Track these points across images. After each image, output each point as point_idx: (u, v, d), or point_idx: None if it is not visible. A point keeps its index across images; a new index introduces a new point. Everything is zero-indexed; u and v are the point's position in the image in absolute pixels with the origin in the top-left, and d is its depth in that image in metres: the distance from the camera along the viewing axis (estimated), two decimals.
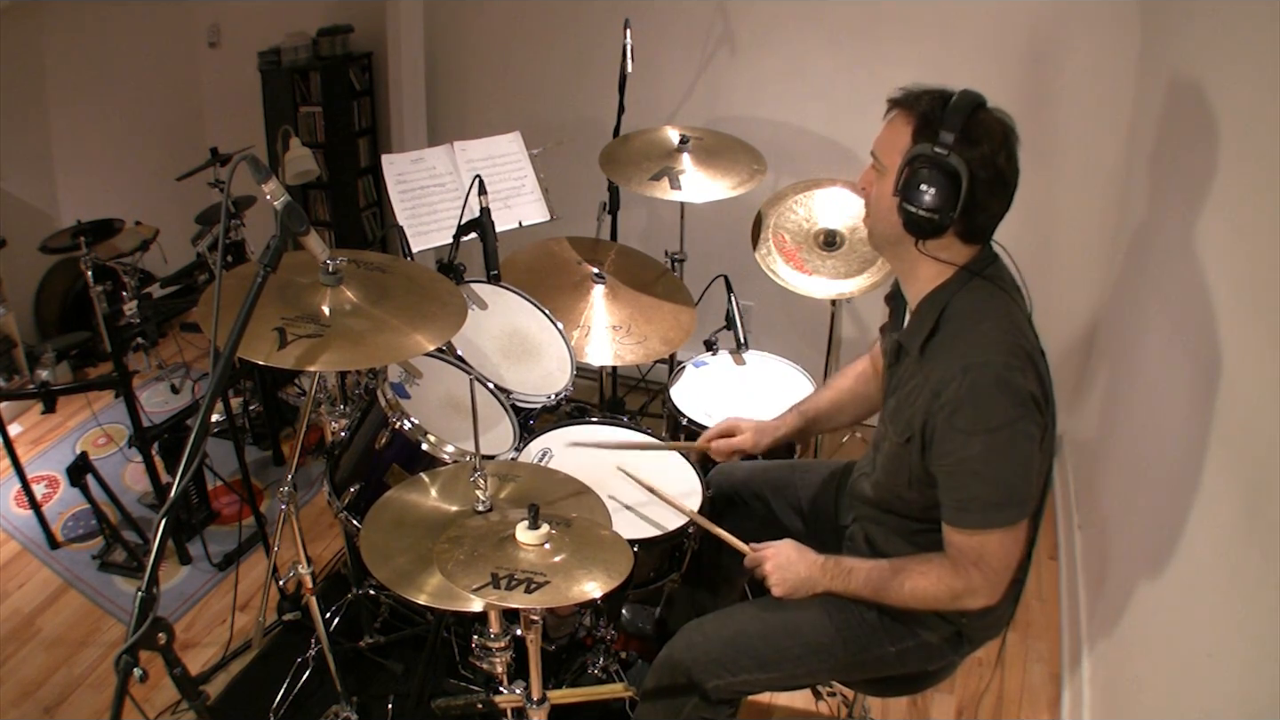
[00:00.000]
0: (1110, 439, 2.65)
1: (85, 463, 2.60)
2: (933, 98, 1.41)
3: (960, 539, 1.45)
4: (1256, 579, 1.40)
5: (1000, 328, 1.41)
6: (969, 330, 1.43)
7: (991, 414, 1.37)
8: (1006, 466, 1.39)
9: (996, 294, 1.45)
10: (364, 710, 2.22)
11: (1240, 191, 1.80)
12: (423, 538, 1.52)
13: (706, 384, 2.48)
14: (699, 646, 1.65)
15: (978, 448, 1.38)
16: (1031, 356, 1.41)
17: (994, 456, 1.38)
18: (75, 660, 2.44)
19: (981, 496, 1.41)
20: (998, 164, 1.38)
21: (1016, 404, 1.37)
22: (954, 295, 1.46)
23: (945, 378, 1.40)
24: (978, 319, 1.43)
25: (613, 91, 2.96)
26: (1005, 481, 1.39)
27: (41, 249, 2.75)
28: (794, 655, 1.62)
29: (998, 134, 1.39)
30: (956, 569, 1.46)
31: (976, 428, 1.37)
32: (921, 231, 1.42)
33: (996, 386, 1.36)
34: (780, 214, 2.66)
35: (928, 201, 1.38)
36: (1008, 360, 1.38)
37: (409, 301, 1.67)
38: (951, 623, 1.59)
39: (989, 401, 1.37)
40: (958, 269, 1.46)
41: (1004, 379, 1.36)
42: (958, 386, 1.38)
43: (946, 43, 2.95)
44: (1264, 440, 1.46)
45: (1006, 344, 1.39)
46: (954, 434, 1.39)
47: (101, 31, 3.79)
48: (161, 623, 1.11)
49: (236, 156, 1.43)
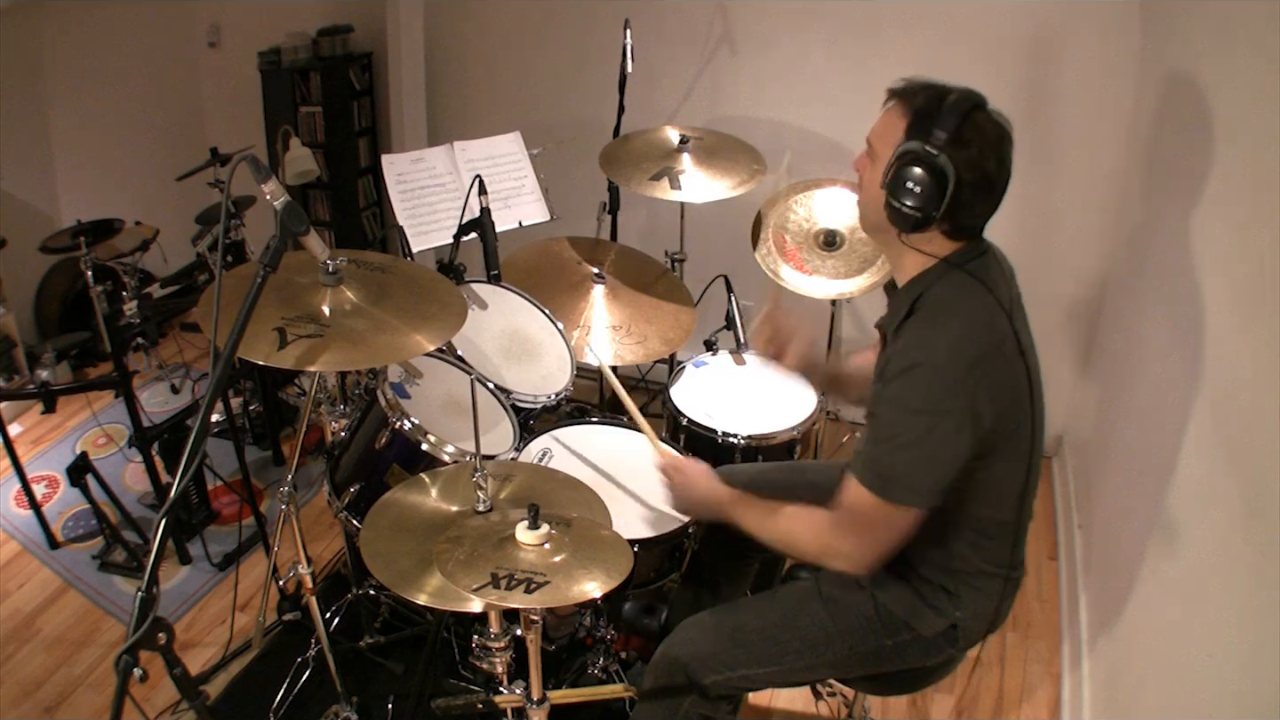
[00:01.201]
0: (1110, 439, 2.65)
1: (85, 463, 2.60)
2: (930, 93, 1.41)
3: (846, 490, 1.45)
4: (1256, 579, 1.41)
5: (964, 328, 1.42)
6: (935, 322, 1.44)
7: (916, 396, 1.39)
8: (911, 445, 1.40)
9: (974, 289, 1.44)
10: (364, 710, 2.22)
11: (1240, 191, 1.80)
12: (423, 538, 1.52)
13: (706, 384, 2.48)
14: (696, 642, 1.66)
15: (894, 414, 1.41)
16: (989, 364, 1.40)
17: (903, 431, 1.40)
18: (75, 660, 2.44)
19: (876, 456, 1.42)
20: (986, 168, 1.38)
21: (945, 397, 1.37)
22: (931, 285, 1.46)
23: (897, 351, 1.43)
24: (947, 313, 1.44)
25: (613, 91, 2.96)
26: (903, 459, 1.40)
27: (41, 249, 2.75)
28: (792, 649, 1.62)
29: (991, 137, 1.39)
30: (834, 526, 1.47)
31: (900, 399, 1.40)
32: (905, 226, 1.43)
33: (934, 372, 1.38)
34: (780, 214, 2.66)
35: (912, 198, 1.39)
36: (957, 355, 1.38)
37: (409, 301, 1.67)
38: (946, 616, 1.59)
39: (920, 385, 1.39)
40: (939, 260, 1.47)
41: (944, 370, 1.38)
42: (900, 361, 1.41)
43: (946, 43, 2.95)
44: (1264, 440, 1.46)
45: (964, 340, 1.40)
46: (882, 395, 1.43)
47: (101, 31, 3.79)
48: (161, 623, 1.11)
49: (236, 156, 1.43)
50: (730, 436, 2.24)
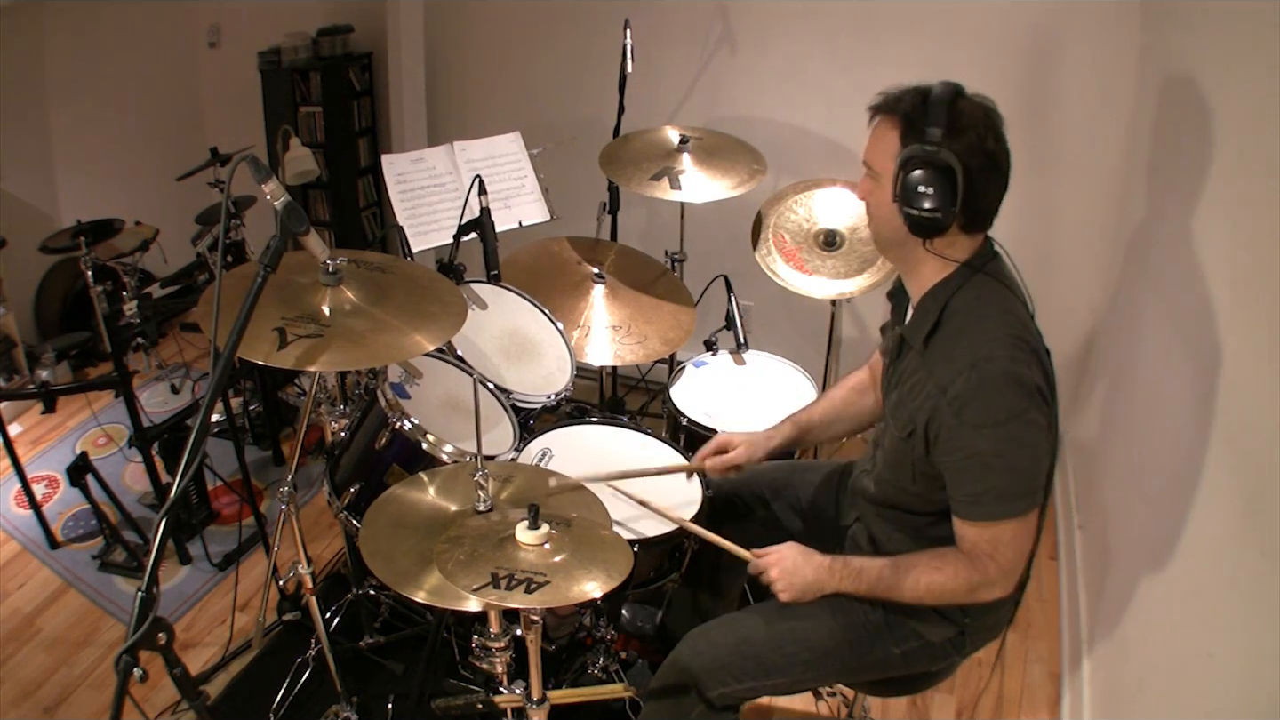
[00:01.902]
0: (1110, 439, 2.65)
1: (85, 463, 2.60)
2: (912, 96, 1.41)
3: (974, 532, 1.45)
4: (1256, 579, 1.40)
5: (1004, 322, 1.42)
6: (973, 325, 1.43)
7: (1000, 407, 1.37)
8: (1017, 457, 1.39)
9: (998, 289, 1.46)
10: (364, 710, 2.22)
11: (1240, 191, 1.80)
12: (423, 538, 1.52)
13: (706, 384, 2.48)
14: (705, 654, 1.65)
15: (988, 441, 1.39)
16: (1035, 349, 1.41)
17: (1005, 448, 1.39)
18: (75, 660, 2.44)
19: (995, 489, 1.41)
20: (987, 148, 1.39)
21: (1024, 395, 1.37)
22: (957, 290, 1.46)
23: (952, 373, 1.40)
24: (981, 314, 1.43)
25: (613, 91, 2.96)
26: (1016, 472, 1.40)
27: (41, 249, 2.75)
28: (801, 660, 1.62)
29: (980, 117, 1.39)
30: (972, 562, 1.46)
31: (986, 421, 1.38)
32: (926, 231, 1.42)
33: (1004, 379, 1.37)
34: (780, 214, 2.66)
35: (928, 200, 1.38)
36: (1013, 353, 1.38)
37: (409, 301, 1.67)
38: (955, 623, 1.59)
39: (997, 395, 1.37)
40: (960, 265, 1.46)
41: (1010, 372, 1.37)
42: (965, 381, 1.38)
43: (946, 43, 2.95)
44: (1264, 440, 1.46)
45: (1010, 338, 1.40)
46: (963, 428, 1.40)
47: (101, 31, 3.79)
48: (161, 623, 1.11)
49: (236, 156, 1.43)
50: None
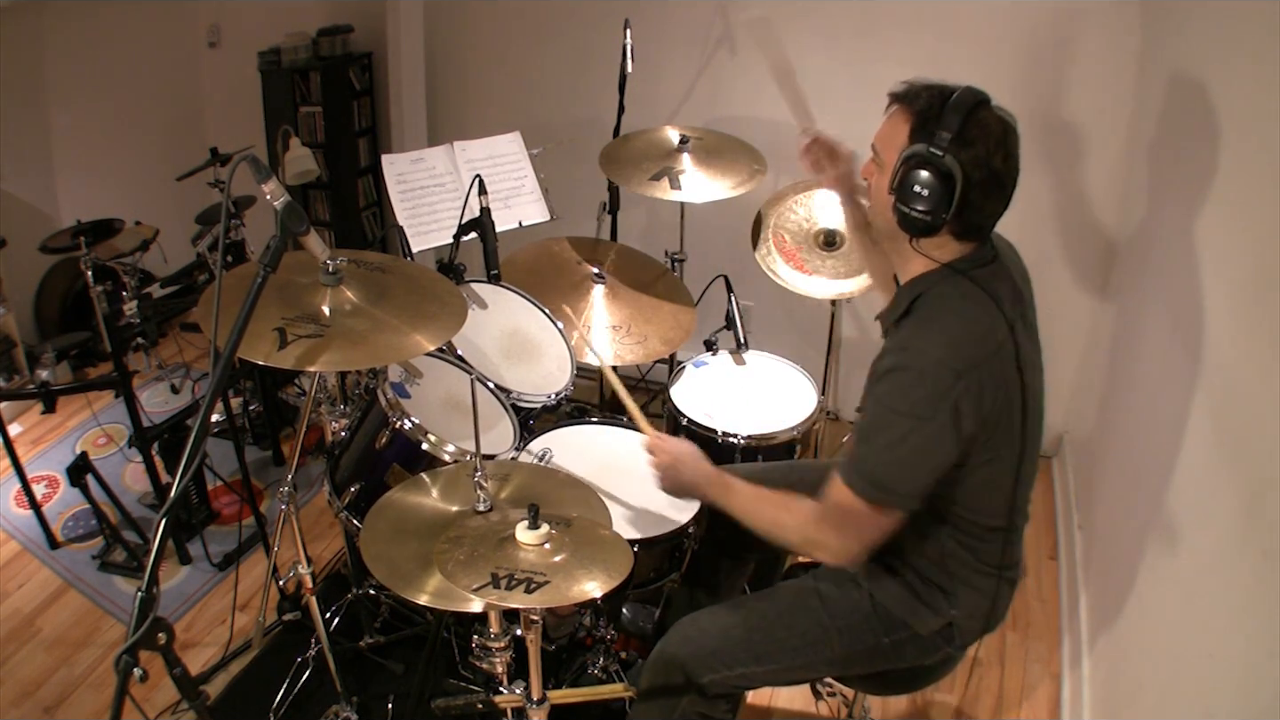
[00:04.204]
0: (1110, 439, 2.65)
1: (85, 463, 2.60)
2: (932, 95, 1.40)
3: (834, 491, 1.45)
4: (1256, 579, 1.41)
5: (959, 330, 1.41)
6: (930, 325, 1.44)
7: (900, 398, 1.39)
8: (898, 448, 1.39)
9: (977, 297, 1.43)
10: (364, 710, 2.22)
11: (1241, 191, 1.80)
12: (423, 538, 1.52)
13: (706, 384, 2.48)
14: (694, 641, 1.65)
15: (876, 413, 1.42)
16: (978, 373, 1.37)
17: (884, 431, 1.40)
18: (75, 660, 2.44)
19: (865, 461, 1.42)
20: (993, 165, 1.37)
21: (928, 403, 1.36)
22: (934, 285, 1.46)
23: (889, 349, 1.44)
24: (944, 314, 1.43)
25: (613, 91, 2.96)
26: (889, 462, 1.40)
27: (41, 249, 2.75)
28: (790, 646, 1.62)
29: (995, 133, 1.37)
30: (819, 520, 1.47)
31: (884, 399, 1.41)
32: (915, 231, 1.42)
33: (920, 377, 1.37)
34: (780, 214, 2.66)
35: (921, 202, 1.38)
36: (946, 362, 1.37)
37: (409, 301, 1.67)
38: (941, 614, 1.59)
39: (905, 388, 1.38)
40: (943, 265, 1.46)
41: (931, 376, 1.37)
42: (890, 360, 1.41)
43: (946, 42, 2.94)
44: (1264, 440, 1.46)
45: (955, 349, 1.38)
46: (871, 395, 1.44)
47: (101, 31, 3.78)
48: (161, 623, 1.11)
49: (236, 156, 1.43)
50: (730, 436, 2.24)
